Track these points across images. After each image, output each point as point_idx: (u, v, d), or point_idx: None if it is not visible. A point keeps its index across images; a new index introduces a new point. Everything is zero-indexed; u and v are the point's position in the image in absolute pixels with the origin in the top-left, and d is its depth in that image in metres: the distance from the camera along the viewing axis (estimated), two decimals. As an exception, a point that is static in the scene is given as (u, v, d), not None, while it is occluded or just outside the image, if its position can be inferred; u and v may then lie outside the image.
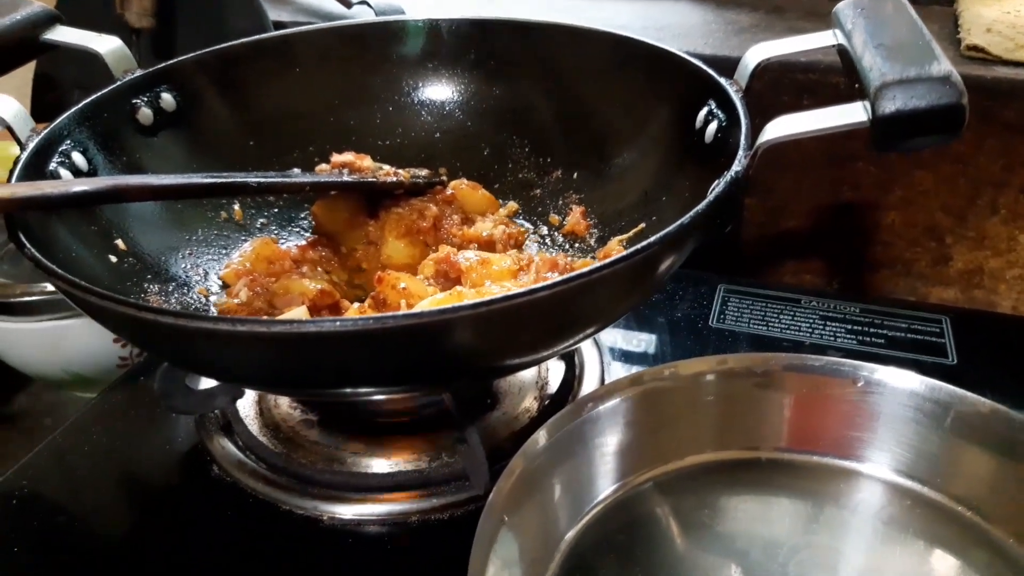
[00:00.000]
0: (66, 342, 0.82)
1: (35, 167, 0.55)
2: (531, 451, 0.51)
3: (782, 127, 0.48)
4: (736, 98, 0.56)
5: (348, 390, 0.49)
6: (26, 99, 1.09)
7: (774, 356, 0.56)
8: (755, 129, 0.53)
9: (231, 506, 0.58)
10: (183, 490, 0.60)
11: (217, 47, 0.71)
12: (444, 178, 0.73)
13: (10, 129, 0.56)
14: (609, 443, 0.55)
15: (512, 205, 0.74)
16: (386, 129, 0.77)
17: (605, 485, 0.55)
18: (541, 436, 0.51)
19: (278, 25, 0.98)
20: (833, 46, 0.56)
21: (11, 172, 0.53)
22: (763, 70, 0.58)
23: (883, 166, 0.86)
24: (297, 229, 0.72)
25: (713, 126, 0.58)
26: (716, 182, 0.52)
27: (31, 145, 0.56)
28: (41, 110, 1.08)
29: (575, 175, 0.73)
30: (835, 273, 0.93)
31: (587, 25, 0.72)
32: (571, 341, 0.49)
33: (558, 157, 0.74)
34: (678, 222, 0.45)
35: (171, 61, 0.68)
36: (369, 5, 0.94)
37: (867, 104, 0.46)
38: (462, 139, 0.77)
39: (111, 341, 0.81)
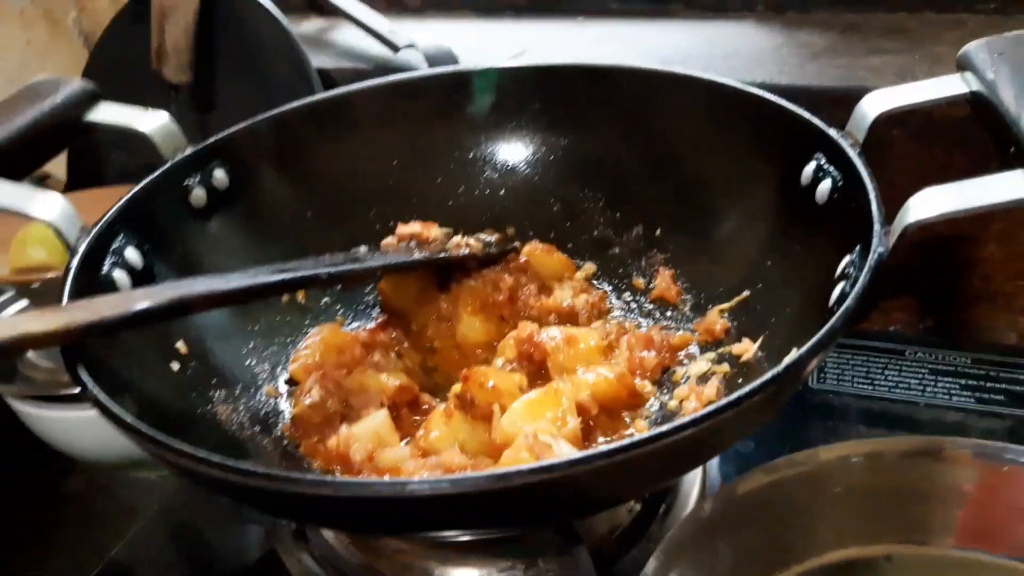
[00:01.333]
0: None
1: (88, 274, 0.51)
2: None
3: (932, 204, 0.42)
4: (855, 156, 0.50)
5: (450, 532, 0.44)
6: (60, 167, 1.05)
7: (939, 440, 0.50)
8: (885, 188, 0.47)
9: (313, 627, 0.53)
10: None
11: (269, 114, 0.67)
12: (516, 244, 0.67)
13: (58, 231, 0.52)
14: (735, 549, 0.49)
15: (589, 266, 0.68)
16: (448, 188, 0.72)
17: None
18: (654, 563, 0.45)
19: (321, 72, 0.94)
20: (964, 94, 0.49)
21: (64, 282, 0.49)
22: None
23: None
24: (363, 307, 0.67)
25: (826, 185, 0.53)
26: (847, 262, 0.46)
27: (81, 248, 0.51)
28: (79, 178, 1.05)
29: (658, 232, 0.67)
30: (928, 311, 0.87)
31: (663, 68, 0.67)
32: (699, 465, 0.43)
33: (637, 212, 0.68)
34: (829, 325, 0.39)
35: (221, 135, 0.64)
36: (417, 48, 0.89)
37: (1032, 174, 0.40)
38: (529, 195, 0.71)
39: (167, 423, 0.77)
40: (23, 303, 0.86)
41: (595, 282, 0.67)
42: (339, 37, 1.06)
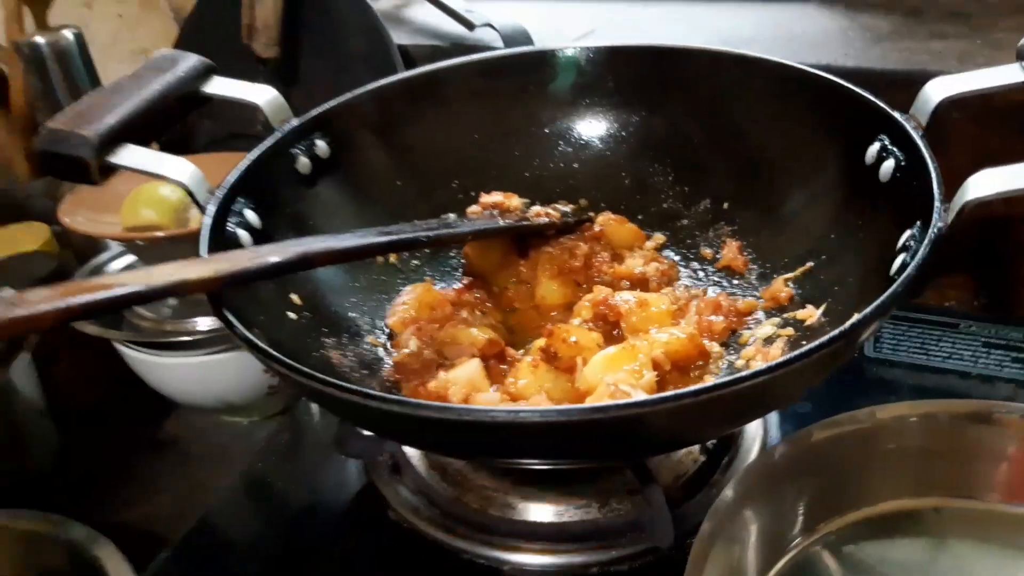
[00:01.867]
0: (218, 374, 0.85)
1: (218, 231, 0.57)
2: (721, 508, 0.50)
3: (989, 184, 0.46)
4: (919, 139, 0.54)
5: (532, 460, 0.50)
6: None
7: (989, 403, 0.54)
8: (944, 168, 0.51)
9: (409, 551, 0.60)
10: (361, 534, 0.62)
11: (365, 88, 0.72)
12: (591, 215, 0.72)
13: (190, 193, 0.58)
14: (799, 493, 0.54)
15: (659, 237, 0.73)
16: (525, 161, 0.77)
17: (794, 536, 0.54)
18: (729, 493, 0.51)
19: (400, 49, 0.99)
20: (1022, 83, 0.53)
21: (200, 239, 0.55)
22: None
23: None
24: (447, 269, 0.73)
25: (889, 164, 0.56)
26: (907, 236, 0.50)
27: (211, 209, 0.57)
28: (169, 145, 1.12)
29: (725, 205, 0.71)
30: (983, 288, 0.89)
31: (729, 49, 0.70)
32: (765, 414, 0.48)
33: (705, 186, 0.72)
34: (890, 291, 0.43)
35: (322, 108, 0.69)
36: (493, 27, 0.94)
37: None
38: (602, 169, 0.76)
39: (261, 371, 0.84)
40: (130, 258, 0.93)
41: (664, 252, 0.72)
42: (415, 14, 1.11)
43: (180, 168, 0.58)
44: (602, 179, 0.76)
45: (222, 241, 0.57)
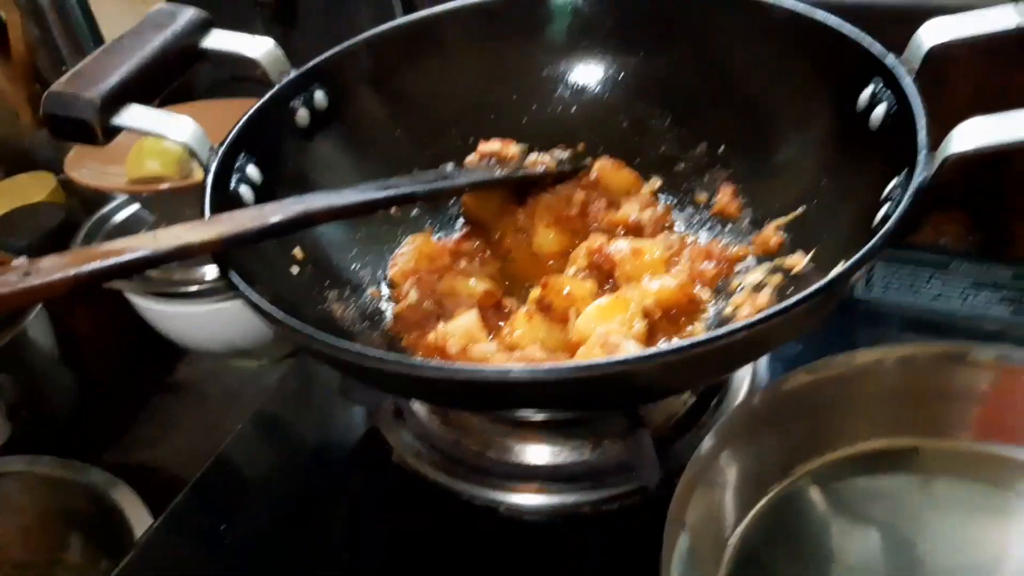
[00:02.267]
0: (226, 321, 0.88)
1: (220, 189, 0.58)
2: (701, 456, 0.53)
3: (972, 137, 0.46)
4: (909, 84, 0.54)
5: (528, 411, 0.52)
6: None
7: (965, 345, 0.56)
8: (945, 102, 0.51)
9: (412, 493, 0.63)
10: (366, 476, 0.65)
11: (361, 37, 0.72)
12: (588, 161, 0.73)
13: (192, 152, 0.59)
14: (780, 437, 0.56)
15: (655, 181, 0.73)
16: (523, 106, 0.77)
17: (775, 476, 0.57)
18: (710, 441, 0.53)
19: (396, -12, 0.98)
20: (1019, 28, 0.53)
21: (202, 198, 0.56)
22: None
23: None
24: (447, 218, 0.74)
25: (880, 110, 0.57)
26: (893, 185, 0.51)
27: (212, 166, 0.59)
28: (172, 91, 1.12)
29: (721, 149, 0.72)
30: (977, 225, 0.90)
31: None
32: (751, 362, 0.50)
33: (702, 130, 0.73)
34: (869, 245, 0.45)
35: (319, 59, 0.69)
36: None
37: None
38: (600, 112, 0.76)
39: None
40: (136, 206, 0.95)
41: (660, 196, 0.73)
42: (413, -48, 1.09)
43: (182, 127, 0.59)
44: (600, 122, 0.76)
45: (225, 198, 0.58)
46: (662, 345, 0.56)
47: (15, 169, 1.07)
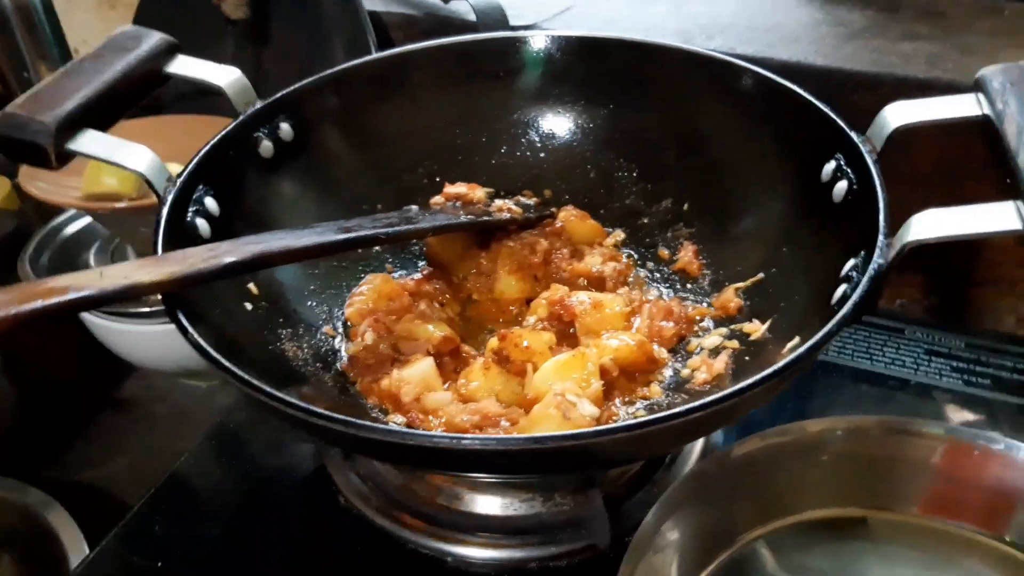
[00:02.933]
0: (178, 342, 0.86)
1: (175, 222, 0.57)
2: (652, 521, 0.52)
3: (930, 226, 0.47)
4: (872, 166, 0.55)
5: (476, 475, 0.51)
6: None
7: (914, 420, 0.56)
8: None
9: (358, 537, 0.62)
10: (313, 517, 0.64)
11: (330, 71, 0.71)
12: (553, 210, 0.73)
13: (148, 182, 0.58)
14: (728, 502, 0.56)
15: (619, 234, 0.74)
16: (491, 148, 0.77)
17: (723, 543, 0.56)
18: (658, 510, 0.53)
19: (372, 15, 0.97)
20: (978, 116, 0.54)
21: (155, 232, 0.55)
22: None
23: (998, 186, 0.84)
24: (409, 256, 0.73)
25: (843, 186, 0.57)
26: (852, 265, 0.52)
27: (169, 198, 0.57)
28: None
29: (685, 206, 0.72)
30: (934, 288, 0.92)
31: (703, 50, 0.70)
32: (705, 435, 0.50)
33: (668, 185, 0.73)
34: (825, 330, 0.45)
35: (286, 90, 0.69)
36: (467, 1, 0.92)
37: (1021, 207, 0.46)
38: (568, 160, 0.76)
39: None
40: (89, 218, 0.93)
41: (623, 249, 0.73)
42: (391, -24, 1.09)
43: (139, 156, 0.58)
44: (567, 170, 0.76)
45: (180, 232, 0.57)
46: (616, 420, 0.56)
47: (-31, 172, 1.04)
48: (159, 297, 0.83)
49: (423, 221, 0.64)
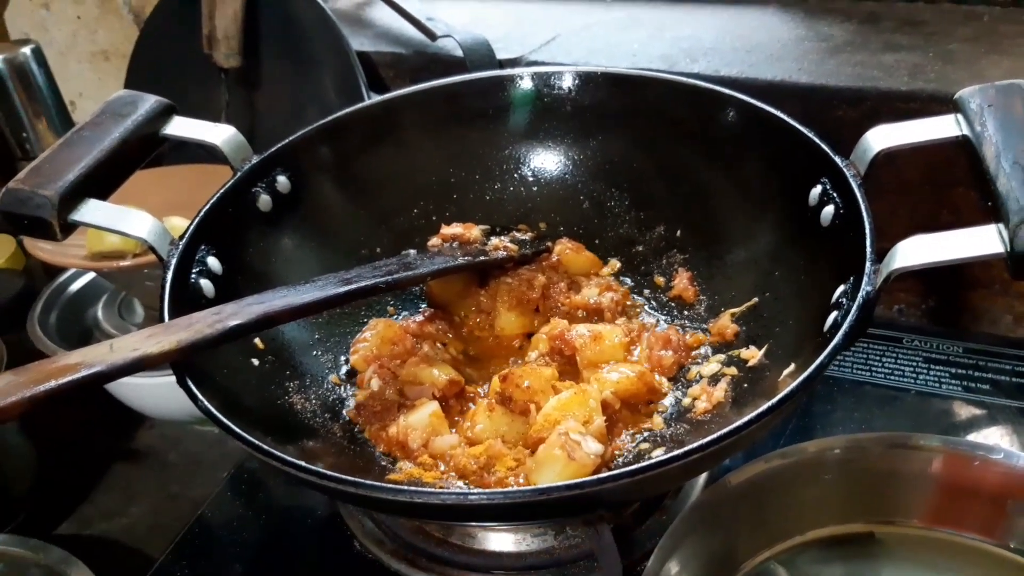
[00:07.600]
0: (189, 392, 0.87)
1: (180, 286, 0.58)
2: (659, 556, 0.53)
3: (915, 254, 0.48)
4: (856, 189, 0.55)
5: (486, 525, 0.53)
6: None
7: (911, 435, 0.57)
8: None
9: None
10: (328, 563, 0.65)
11: (322, 121, 0.73)
12: (548, 244, 0.74)
13: (152, 249, 0.59)
14: (734, 526, 0.57)
15: (614, 263, 0.75)
16: (485, 185, 0.78)
17: (733, 566, 0.57)
18: (665, 542, 0.53)
19: (361, 55, 0.99)
20: (957, 137, 0.55)
21: (160, 299, 0.56)
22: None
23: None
24: (410, 297, 0.75)
25: (829, 210, 0.58)
26: (842, 291, 0.53)
27: (172, 262, 0.59)
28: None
29: (678, 233, 0.73)
30: (931, 293, 0.93)
31: (686, 80, 0.72)
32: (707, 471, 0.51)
33: (660, 212, 0.74)
34: (817, 362, 0.46)
35: (281, 144, 0.70)
36: (454, 37, 0.94)
37: (1003, 230, 0.46)
38: (560, 193, 0.78)
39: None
40: (91, 274, 0.94)
41: (619, 278, 0.74)
42: (377, 15, 1.11)
43: (141, 223, 0.60)
44: (561, 202, 0.77)
45: (184, 295, 0.59)
46: (621, 453, 0.57)
47: (-27, 232, 1.06)
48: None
49: (422, 266, 0.65)
